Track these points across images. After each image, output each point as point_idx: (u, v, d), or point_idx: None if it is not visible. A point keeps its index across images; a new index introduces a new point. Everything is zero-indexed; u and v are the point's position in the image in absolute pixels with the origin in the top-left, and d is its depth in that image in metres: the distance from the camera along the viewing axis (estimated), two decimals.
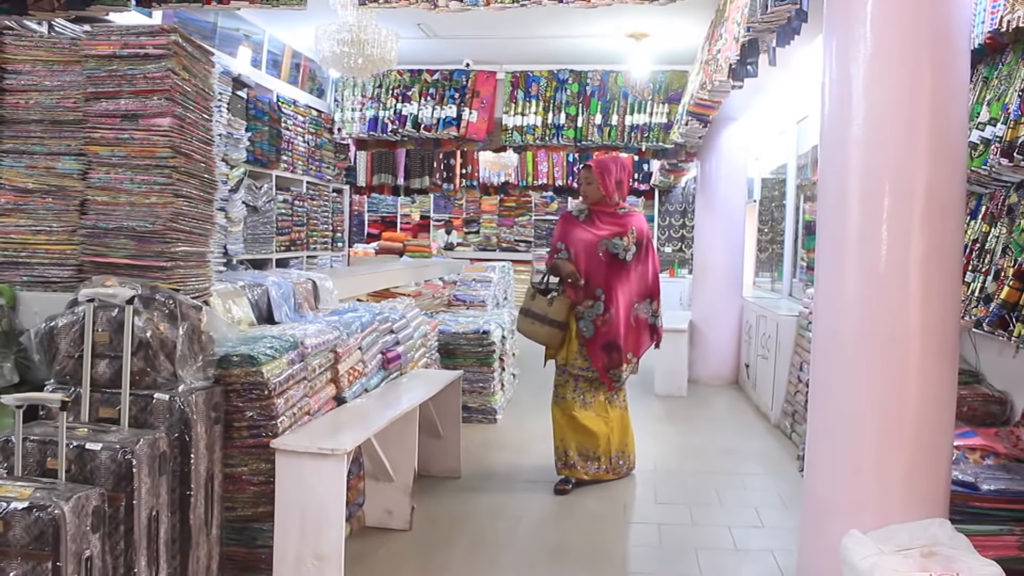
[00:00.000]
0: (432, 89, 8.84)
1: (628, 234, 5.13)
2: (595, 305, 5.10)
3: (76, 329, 3.14)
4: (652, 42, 7.62)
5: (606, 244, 5.10)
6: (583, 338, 5.13)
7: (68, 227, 3.58)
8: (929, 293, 2.83)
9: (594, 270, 5.11)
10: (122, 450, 2.80)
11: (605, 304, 5.09)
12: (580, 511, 4.78)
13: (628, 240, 5.12)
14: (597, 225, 5.19)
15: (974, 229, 3.89)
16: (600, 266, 5.10)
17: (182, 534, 3.15)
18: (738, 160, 9.08)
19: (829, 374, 3.05)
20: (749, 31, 4.36)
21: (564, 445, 5.21)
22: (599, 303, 5.09)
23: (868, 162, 2.88)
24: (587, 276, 5.11)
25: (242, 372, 3.49)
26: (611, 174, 5.21)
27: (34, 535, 2.43)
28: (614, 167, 5.26)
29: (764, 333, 7.64)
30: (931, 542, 2.62)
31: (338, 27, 5.73)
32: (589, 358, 5.14)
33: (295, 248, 8.01)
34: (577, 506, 4.87)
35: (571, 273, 5.10)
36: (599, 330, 5.09)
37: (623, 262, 5.10)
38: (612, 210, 5.22)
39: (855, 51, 2.90)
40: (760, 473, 5.65)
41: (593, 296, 5.10)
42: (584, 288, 5.11)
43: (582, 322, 5.12)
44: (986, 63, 3.76)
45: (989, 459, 3.37)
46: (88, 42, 3.51)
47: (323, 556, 3.37)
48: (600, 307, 5.09)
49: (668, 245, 13.79)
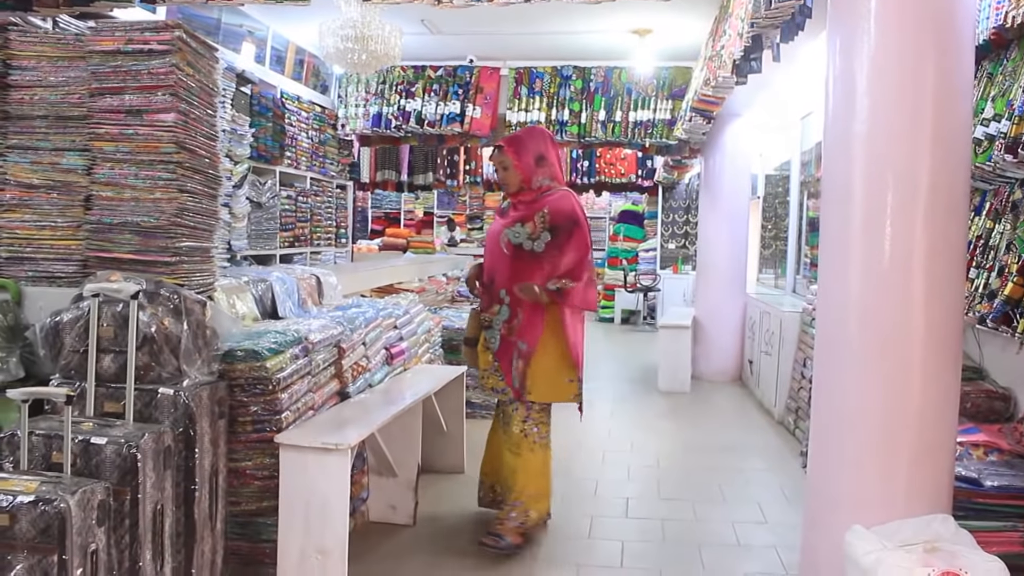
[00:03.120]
0: (436, 85, 8.85)
1: (536, 218, 4.11)
2: (500, 310, 4.21)
3: (81, 324, 3.14)
4: (656, 38, 7.61)
5: (507, 234, 4.17)
6: (492, 352, 4.25)
7: (73, 222, 3.59)
8: (933, 289, 2.83)
9: (498, 268, 4.23)
10: (127, 444, 2.80)
11: (510, 308, 4.17)
12: (582, 506, 4.79)
13: (534, 226, 4.11)
14: (509, 215, 4.27)
15: (978, 225, 3.88)
16: (504, 263, 4.19)
17: (187, 528, 3.16)
18: (742, 156, 9.07)
19: (832, 370, 3.05)
20: (753, 27, 4.36)
21: (492, 476, 4.48)
22: (504, 307, 4.19)
23: (872, 158, 2.87)
24: (491, 277, 4.28)
25: (246, 367, 3.50)
26: (527, 150, 4.21)
27: (40, 528, 2.44)
28: (529, 140, 4.27)
29: (767, 329, 7.63)
30: (934, 538, 2.62)
31: (342, 23, 5.73)
32: (503, 375, 4.22)
33: (299, 244, 8.02)
34: (577, 502, 4.87)
35: (468, 280, 4.44)
36: (505, 340, 4.19)
37: (531, 254, 4.11)
38: (532, 196, 4.21)
39: (859, 47, 2.89)
40: (763, 469, 5.65)
41: (499, 300, 4.21)
42: (489, 291, 4.29)
43: (489, 332, 4.26)
44: (991, 59, 3.75)
45: (992, 455, 3.37)
46: (92, 38, 3.51)
47: (327, 551, 3.37)
48: (506, 312, 4.18)
49: (672, 242, 13.78)
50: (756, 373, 8.11)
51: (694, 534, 4.40)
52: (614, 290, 14.16)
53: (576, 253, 4.13)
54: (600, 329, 13.39)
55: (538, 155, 4.23)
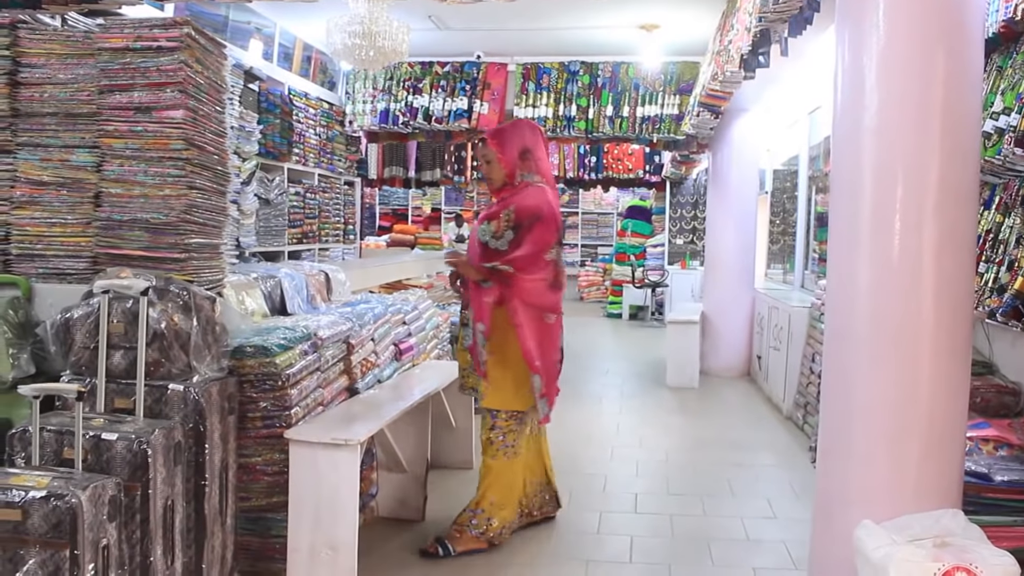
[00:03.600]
0: (443, 81, 8.85)
1: (502, 216, 3.98)
2: (469, 308, 4.16)
3: (91, 320, 3.16)
4: (663, 33, 7.60)
5: (478, 233, 4.09)
6: (467, 349, 4.19)
7: (83, 219, 3.59)
8: (942, 283, 2.82)
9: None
10: (137, 440, 2.82)
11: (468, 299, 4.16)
12: (591, 502, 4.79)
13: (499, 224, 3.98)
14: (487, 212, 4.17)
15: (987, 219, 3.87)
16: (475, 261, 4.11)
17: (197, 524, 3.17)
18: (750, 151, 9.05)
19: (842, 365, 3.04)
20: (761, 21, 4.35)
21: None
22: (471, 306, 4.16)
23: (881, 152, 2.87)
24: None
25: (256, 363, 3.51)
26: (512, 144, 4.07)
27: (52, 524, 2.45)
28: (514, 133, 4.12)
29: (776, 324, 7.62)
30: (944, 533, 2.61)
31: (349, 19, 5.74)
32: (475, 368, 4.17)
33: (307, 240, 8.04)
34: (586, 498, 4.88)
35: (450, 277, 4.31)
36: (473, 334, 4.11)
37: (497, 252, 4.00)
38: (512, 192, 4.07)
39: (868, 40, 2.89)
40: (772, 464, 5.64)
41: (467, 299, 4.20)
42: (465, 290, 4.21)
43: (464, 330, 4.19)
44: (1000, 52, 3.74)
45: (1002, 450, 3.36)
46: (102, 35, 3.52)
47: (337, 546, 3.38)
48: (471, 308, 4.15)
49: (679, 237, 13.77)
50: (764, 368, 8.10)
51: (703, 529, 4.40)
52: (622, 286, 14.16)
53: (531, 247, 3.97)
54: (608, 325, 13.40)
55: (523, 149, 4.08)
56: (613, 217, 16.58)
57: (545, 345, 4.10)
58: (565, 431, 6.14)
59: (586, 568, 3.92)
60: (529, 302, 4.02)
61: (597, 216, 17.14)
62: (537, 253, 4.00)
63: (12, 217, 3.64)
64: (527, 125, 4.27)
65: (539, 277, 4.03)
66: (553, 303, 4.13)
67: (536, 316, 4.07)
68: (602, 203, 16.95)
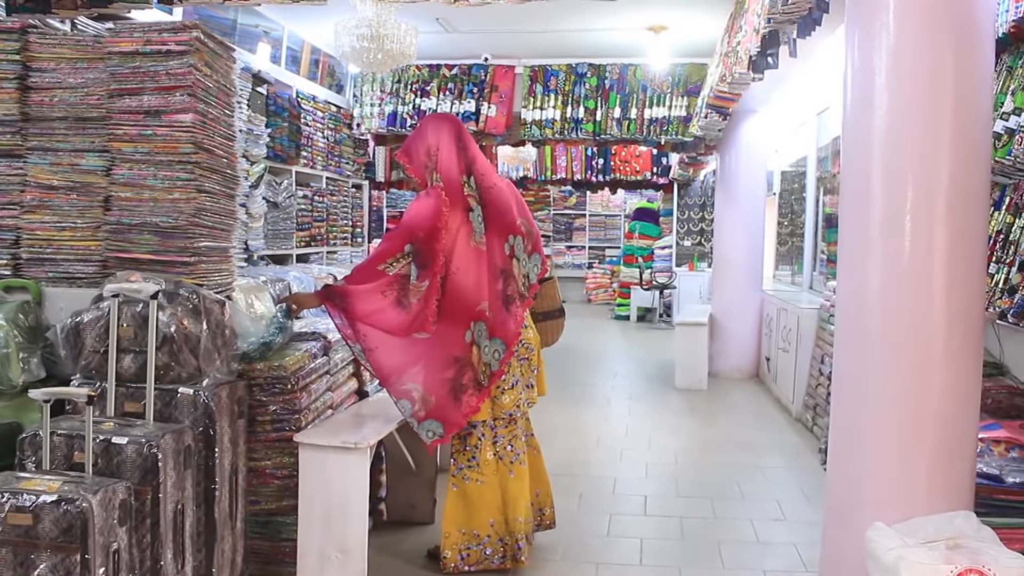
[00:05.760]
0: (451, 84, 8.85)
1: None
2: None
3: (101, 324, 3.16)
4: (671, 35, 7.59)
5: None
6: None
7: (92, 223, 3.60)
8: (953, 284, 2.81)
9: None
10: (148, 444, 2.82)
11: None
12: (600, 504, 4.78)
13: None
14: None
15: (998, 220, 3.85)
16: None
17: (207, 527, 3.17)
18: (758, 153, 9.04)
19: (852, 366, 3.03)
20: (770, 22, 4.33)
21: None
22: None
23: (891, 153, 2.85)
24: None
25: (265, 366, 3.52)
26: (416, 150, 3.79)
27: (63, 528, 2.46)
28: (417, 138, 3.81)
29: (785, 326, 7.60)
30: (957, 534, 2.60)
31: (357, 22, 5.74)
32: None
33: (315, 244, 8.04)
34: (596, 500, 4.87)
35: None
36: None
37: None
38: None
39: (878, 41, 2.88)
40: (782, 466, 5.63)
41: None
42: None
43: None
44: (1010, 52, 3.72)
45: (1014, 452, 3.35)
46: (111, 39, 3.53)
47: (347, 549, 3.38)
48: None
49: (687, 239, 13.75)
50: (773, 370, 8.08)
51: (713, 531, 4.39)
52: (630, 288, 14.15)
53: (387, 243, 3.72)
54: (616, 327, 13.39)
55: (427, 149, 3.76)
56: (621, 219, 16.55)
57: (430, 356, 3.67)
58: (574, 434, 6.14)
59: (596, 570, 3.91)
60: (385, 326, 3.64)
61: (605, 218, 17.13)
62: (374, 256, 3.73)
63: (22, 221, 3.65)
64: (429, 121, 3.85)
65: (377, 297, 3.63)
66: (426, 323, 3.61)
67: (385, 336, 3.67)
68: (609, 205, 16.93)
